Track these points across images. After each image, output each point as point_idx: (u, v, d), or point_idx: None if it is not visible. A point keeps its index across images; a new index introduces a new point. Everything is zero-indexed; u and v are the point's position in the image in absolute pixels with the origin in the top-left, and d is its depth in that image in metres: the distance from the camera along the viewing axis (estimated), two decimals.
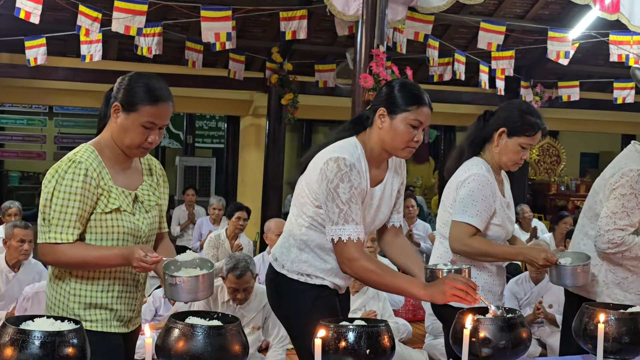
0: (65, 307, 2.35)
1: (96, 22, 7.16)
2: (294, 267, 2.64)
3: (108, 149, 2.38)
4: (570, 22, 8.95)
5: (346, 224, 2.47)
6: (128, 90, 2.34)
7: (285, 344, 4.57)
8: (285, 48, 9.27)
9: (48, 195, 2.27)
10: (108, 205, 2.33)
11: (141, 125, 2.33)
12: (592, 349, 2.38)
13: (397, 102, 2.55)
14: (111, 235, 2.35)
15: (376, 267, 2.48)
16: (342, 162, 2.48)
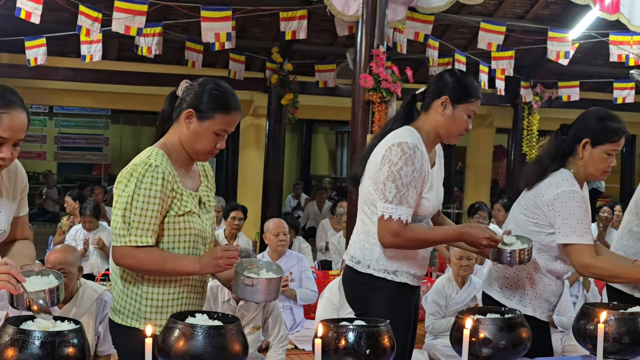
0: (137, 310, 2.37)
1: (96, 22, 7.16)
2: (380, 265, 2.71)
3: (175, 152, 2.41)
4: (570, 22, 8.95)
5: (400, 205, 2.60)
6: (201, 97, 2.37)
7: (285, 343, 4.57)
8: (285, 48, 9.27)
9: (128, 199, 2.28)
10: (181, 207, 2.37)
11: (214, 133, 2.38)
12: (592, 349, 2.39)
13: (462, 93, 2.72)
14: (183, 237, 2.38)
15: (418, 235, 2.66)
16: (405, 145, 2.62)
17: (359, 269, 2.74)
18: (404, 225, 2.61)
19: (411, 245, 2.69)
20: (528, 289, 2.87)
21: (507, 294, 2.88)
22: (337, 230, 7.84)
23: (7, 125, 2.09)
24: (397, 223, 2.60)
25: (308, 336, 5.28)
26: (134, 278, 2.38)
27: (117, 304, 2.41)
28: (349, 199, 6.41)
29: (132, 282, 2.38)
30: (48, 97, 10.40)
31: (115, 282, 2.44)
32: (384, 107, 6.10)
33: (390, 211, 2.60)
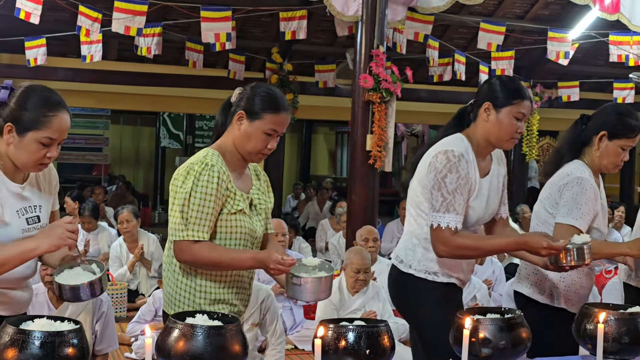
0: (192, 302, 2.47)
1: (96, 23, 7.16)
2: (421, 266, 2.74)
3: (229, 154, 2.52)
4: (570, 23, 8.95)
5: (447, 212, 2.62)
6: (252, 99, 2.50)
7: (282, 339, 4.58)
8: (285, 48, 9.27)
9: (186, 196, 2.40)
10: (234, 206, 2.47)
11: (264, 133, 2.49)
12: (592, 349, 2.39)
13: (504, 95, 2.72)
14: (233, 235, 2.49)
15: (471, 243, 2.66)
16: (450, 153, 2.65)
17: (401, 268, 2.80)
18: (453, 232, 2.62)
19: (464, 254, 2.70)
20: (558, 283, 2.96)
21: (538, 289, 2.97)
22: (337, 231, 7.85)
23: (56, 127, 2.21)
24: (446, 231, 2.62)
25: (308, 336, 5.28)
26: (189, 272, 2.48)
27: (172, 297, 2.51)
28: (349, 199, 6.41)
29: (187, 276, 2.49)
30: None
31: (168, 276, 2.54)
32: (384, 107, 6.10)
33: (439, 219, 2.63)
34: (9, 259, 2.15)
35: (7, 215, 2.24)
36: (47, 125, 2.19)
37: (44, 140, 2.20)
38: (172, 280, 2.52)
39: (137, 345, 5.04)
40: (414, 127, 15.66)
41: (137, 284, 6.53)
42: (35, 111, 2.18)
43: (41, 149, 2.21)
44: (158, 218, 13.00)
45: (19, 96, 2.21)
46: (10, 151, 2.22)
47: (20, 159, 2.22)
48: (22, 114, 2.19)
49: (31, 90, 2.23)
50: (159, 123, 16.36)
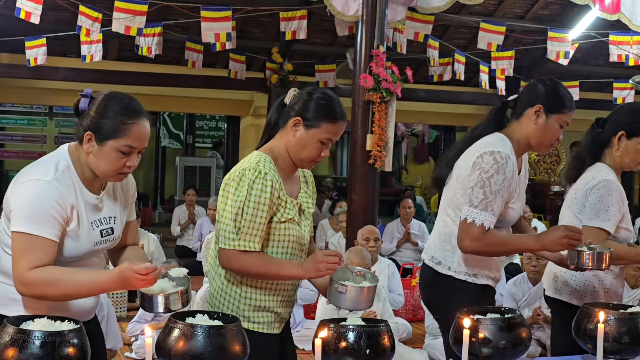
0: (236, 308, 2.44)
1: (96, 23, 7.17)
2: (461, 268, 2.75)
3: (281, 159, 2.48)
4: (570, 22, 8.96)
5: (484, 211, 2.62)
6: (309, 105, 2.44)
7: None
8: (285, 48, 9.27)
9: (240, 205, 2.34)
10: (284, 215, 2.43)
11: (319, 141, 2.43)
12: (592, 349, 2.38)
13: (557, 103, 2.73)
14: (283, 244, 2.45)
15: (499, 241, 2.67)
16: (497, 155, 2.64)
17: (439, 270, 2.78)
18: (485, 231, 2.62)
19: (489, 252, 2.71)
20: (597, 287, 2.99)
21: (578, 295, 2.98)
22: (337, 231, 7.84)
23: (136, 135, 2.17)
24: (479, 228, 2.61)
25: (308, 336, 5.28)
26: (235, 278, 2.45)
27: (216, 302, 2.49)
28: (349, 199, 6.41)
29: (233, 282, 2.46)
30: (48, 97, 10.40)
31: (215, 280, 2.51)
32: (384, 107, 6.10)
33: (474, 215, 2.62)
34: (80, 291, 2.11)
35: (82, 228, 2.20)
36: (126, 134, 2.15)
37: (123, 148, 2.15)
38: (218, 285, 2.50)
39: (137, 345, 5.05)
40: (414, 127, 15.66)
41: None
42: (115, 119, 2.14)
43: (121, 157, 2.16)
44: (158, 218, 12.99)
45: (99, 104, 2.18)
46: (90, 160, 2.18)
47: (100, 168, 2.18)
48: (102, 122, 2.15)
49: (111, 98, 2.20)
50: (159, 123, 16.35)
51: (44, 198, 2.10)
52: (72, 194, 2.17)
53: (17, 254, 2.08)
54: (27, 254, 2.06)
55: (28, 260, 2.05)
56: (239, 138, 10.97)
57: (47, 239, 2.08)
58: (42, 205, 2.09)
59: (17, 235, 2.08)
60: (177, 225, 8.95)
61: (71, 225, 2.16)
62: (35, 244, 2.06)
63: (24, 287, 2.07)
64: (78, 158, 2.21)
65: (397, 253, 7.90)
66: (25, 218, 2.08)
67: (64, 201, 2.13)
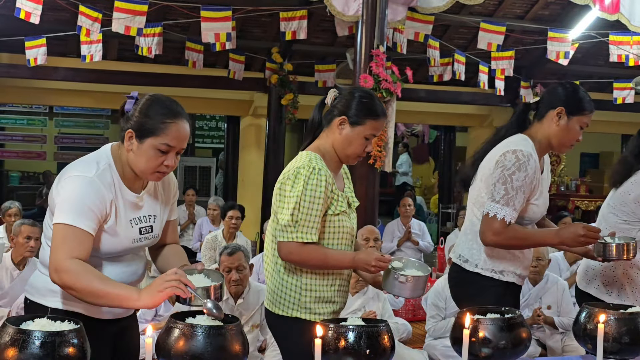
0: (297, 300, 2.58)
1: (96, 23, 7.16)
2: (488, 265, 2.84)
3: (328, 156, 2.64)
4: (570, 23, 8.95)
5: (506, 206, 2.73)
6: (352, 104, 2.60)
7: None
8: (285, 48, 9.26)
9: (297, 199, 2.49)
10: (337, 207, 2.59)
11: (364, 137, 2.60)
12: (592, 349, 2.39)
13: (578, 105, 2.83)
14: (337, 235, 2.60)
15: (519, 236, 2.77)
16: (520, 153, 2.76)
17: (467, 268, 2.88)
18: (506, 225, 2.72)
19: (510, 245, 2.80)
20: (625, 284, 3.08)
21: (605, 290, 3.08)
22: None
23: (174, 134, 2.24)
24: (500, 222, 2.72)
25: None
26: (294, 271, 2.59)
27: (276, 296, 2.62)
28: None
29: (292, 275, 2.60)
30: (48, 97, 10.40)
31: (273, 275, 2.63)
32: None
33: (496, 210, 2.73)
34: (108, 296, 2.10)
35: (120, 225, 2.27)
36: (165, 132, 2.22)
37: (161, 147, 2.22)
38: (277, 279, 2.62)
39: None
40: (414, 127, 15.65)
41: None
42: (155, 118, 2.23)
43: (159, 156, 2.24)
44: None
45: (142, 104, 2.27)
46: (130, 158, 2.26)
47: (139, 166, 2.26)
48: (143, 121, 2.23)
49: (153, 99, 2.28)
50: None
51: (85, 193, 2.18)
52: (111, 191, 2.25)
53: (56, 244, 2.16)
54: (65, 244, 2.14)
55: (66, 249, 2.13)
56: (239, 138, 10.96)
57: (84, 231, 2.16)
58: (82, 199, 2.17)
59: (57, 226, 2.17)
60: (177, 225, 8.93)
61: (109, 221, 2.25)
62: (73, 235, 2.15)
63: (57, 275, 2.13)
64: (120, 157, 2.30)
65: (398, 252, 7.91)
66: (65, 210, 2.17)
67: (104, 198, 2.21)
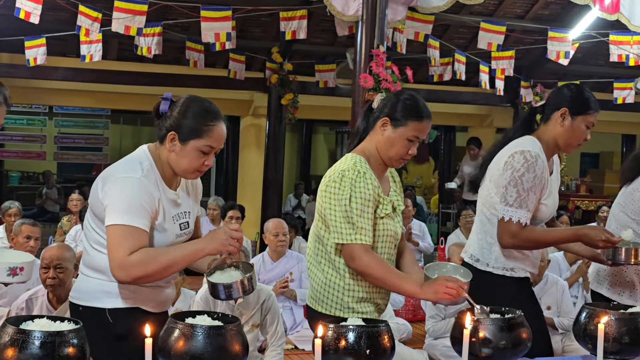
0: (340, 300, 2.60)
1: (96, 22, 7.16)
2: (499, 263, 2.89)
3: (373, 159, 2.64)
4: (570, 22, 8.95)
5: (519, 208, 2.77)
6: (395, 106, 2.60)
7: (282, 341, 4.58)
8: (285, 48, 9.26)
9: (346, 202, 2.50)
10: (383, 211, 2.59)
11: (407, 139, 2.59)
12: (592, 349, 2.39)
13: (581, 105, 2.87)
14: (382, 239, 2.61)
15: (535, 236, 2.83)
16: (527, 154, 2.79)
17: (478, 267, 2.91)
18: (522, 227, 2.77)
19: (528, 246, 2.86)
20: (637, 285, 3.11)
21: (617, 290, 3.11)
22: None
23: (217, 137, 2.33)
24: (516, 225, 2.76)
25: (308, 336, 5.28)
26: (338, 272, 2.60)
27: (318, 294, 2.64)
28: None
29: (336, 276, 2.60)
30: (48, 97, 10.40)
31: (317, 274, 2.66)
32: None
33: (510, 214, 2.77)
34: (178, 260, 2.25)
35: (166, 221, 2.35)
36: (208, 134, 2.30)
37: (204, 148, 2.31)
38: (321, 279, 2.63)
39: None
40: None
41: None
42: (197, 120, 2.30)
43: (201, 157, 2.32)
44: None
45: (181, 106, 2.33)
46: (172, 158, 2.33)
47: (181, 166, 2.33)
48: (185, 123, 2.30)
49: (191, 101, 2.35)
50: None
51: (136, 192, 2.24)
52: (157, 190, 2.32)
53: (114, 244, 2.21)
54: (124, 242, 2.19)
55: (126, 247, 2.19)
56: (239, 138, 10.96)
57: (141, 229, 2.23)
58: (134, 199, 2.23)
59: (113, 227, 2.22)
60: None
61: (158, 219, 2.32)
62: (130, 233, 2.21)
63: (124, 272, 2.19)
64: (159, 156, 2.36)
65: None
66: (119, 211, 2.22)
67: (152, 196, 2.29)
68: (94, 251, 2.33)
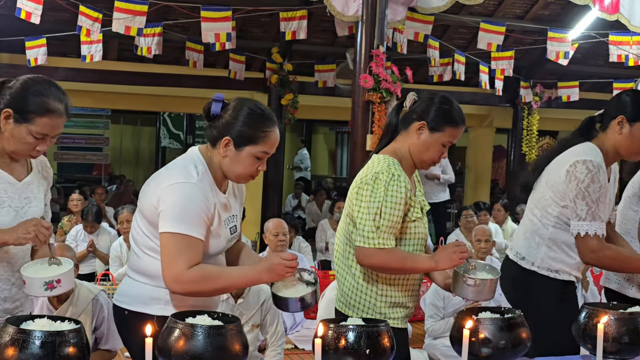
0: (372, 306, 2.60)
1: (97, 23, 7.16)
2: (545, 264, 2.88)
3: (404, 161, 2.63)
4: (569, 23, 8.95)
5: (593, 220, 2.75)
6: (432, 110, 2.59)
7: (282, 341, 4.58)
8: (285, 48, 9.27)
9: (378, 205, 2.48)
10: (414, 214, 2.58)
11: (442, 144, 2.60)
12: (592, 349, 2.39)
13: (635, 111, 2.83)
14: (412, 241, 2.61)
15: (618, 254, 2.81)
16: (590, 164, 2.76)
17: (523, 265, 2.92)
18: (600, 239, 2.76)
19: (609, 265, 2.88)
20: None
21: (625, 284, 3.12)
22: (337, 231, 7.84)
23: (272, 142, 2.30)
24: (594, 239, 2.75)
25: (308, 336, 5.29)
26: (370, 277, 2.60)
27: (350, 299, 2.63)
28: None
29: (368, 281, 2.60)
30: None
31: (347, 279, 2.65)
32: (384, 107, 6.10)
33: (586, 228, 2.75)
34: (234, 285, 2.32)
35: (221, 226, 2.33)
36: (264, 141, 2.27)
37: (259, 154, 2.28)
38: (352, 283, 2.63)
39: None
40: None
41: None
42: (253, 126, 2.26)
43: (255, 162, 2.29)
44: None
45: (235, 110, 2.29)
46: (225, 163, 2.30)
47: (235, 172, 2.30)
48: (240, 129, 2.26)
49: (246, 105, 2.31)
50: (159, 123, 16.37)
51: (193, 200, 2.20)
52: (211, 194, 2.28)
53: (171, 254, 2.18)
54: (182, 254, 2.17)
55: (184, 260, 2.16)
56: None
57: (197, 239, 2.20)
58: (191, 207, 2.19)
59: (168, 235, 2.18)
60: None
61: (214, 224, 2.29)
62: (188, 244, 2.18)
63: (179, 286, 2.19)
64: (210, 160, 2.32)
65: None
66: (176, 219, 2.18)
67: (209, 201, 2.25)
68: (146, 256, 2.29)
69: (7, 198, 2.31)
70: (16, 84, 2.36)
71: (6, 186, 2.32)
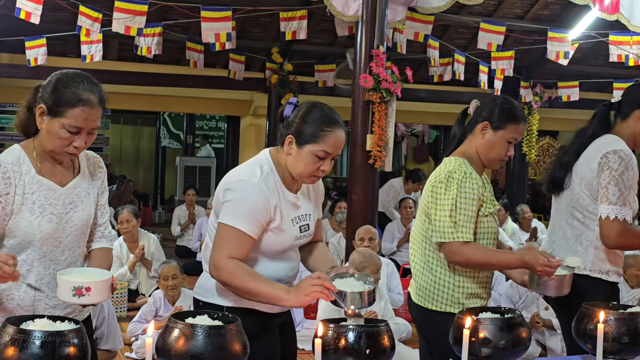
0: (451, 297, 2.73)
1: (96, 23, 7.17)
2: (595, 267, 2.93)
3: (473, 161, 2.76)
4: (570, 23, 8.95)
5: (623, 206, 2.81)
6: (494, 110, 2.74)
7: None
8: (285, 48, 9.27)
9: (453, 201, 2.62)
10: (487, 209, 2.72)
11: (506, 141, 2.73)
12: (591, 349, 2.39)
13: None
14: (485, 236, 2.73)
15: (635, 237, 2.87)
16: (621, 152, 2.83)
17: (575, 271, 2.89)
18: (627, 225, 2.81)
19: (634, 244, 2.93)
20: None
21: None
22: (337, 231, 7.85)
23: (332, 142, 2.37)
24: (622, 223, 2.80)
25: (308, 336, 5.28)
26: (445, 269, 2.73)
27: (429, 292, 2.76)
28: (349, 199, 6.41)
29: (446, 272, 2.73)
30: None
31: (424, 273, 2.78)
32: (384, 107, 6.10)
33: (616, 212, 2.80)
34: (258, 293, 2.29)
35: (284, 224, 2.42)
36: (324, 140, 2.35)
37: (319, 153, 2.36)
38: (429, 277, 2.76)
39: (138, 344, 5.05)
40: (414, 127, 15.66)
41: (137, 284, 6.54)
42: (315, 126, 2.36)
43: (316, 161, 2.37)
44: (158, 218, 12.97)
45: (302, 111, 2.40)
46: (289, 161, 2.40)
47: (297, 170, 2.39)
48: (303, 128, 2.36)
49: (313, 107, 2.41)
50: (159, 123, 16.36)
51: (251, 197, 2.33)
52: (275, 193, 2.40)
53: (219, 242, 2.33)
54: (227, 244, 2.31)
55: (227, 249, 2.30)
56: (239, 138, 10.97)
57: (247, 234, 2.32)
58: (248, 204, 2.33)
59: (222, 225, 2.34)
60: (177, 225, 8.95)
61: (275, 222, 2.39)
62: (235, 237, 2.31)
63: (215, 271, 2.31)
64: (278, 160, 2.44)
65: (398, 253, 7.91)
66: (232, 213, 2.33)
67: (269, 201, 2.36)
68: None
69: (48, 205, 2.33)
70: (50, 81, 2.37)
71: (48, 193, 2.34)
